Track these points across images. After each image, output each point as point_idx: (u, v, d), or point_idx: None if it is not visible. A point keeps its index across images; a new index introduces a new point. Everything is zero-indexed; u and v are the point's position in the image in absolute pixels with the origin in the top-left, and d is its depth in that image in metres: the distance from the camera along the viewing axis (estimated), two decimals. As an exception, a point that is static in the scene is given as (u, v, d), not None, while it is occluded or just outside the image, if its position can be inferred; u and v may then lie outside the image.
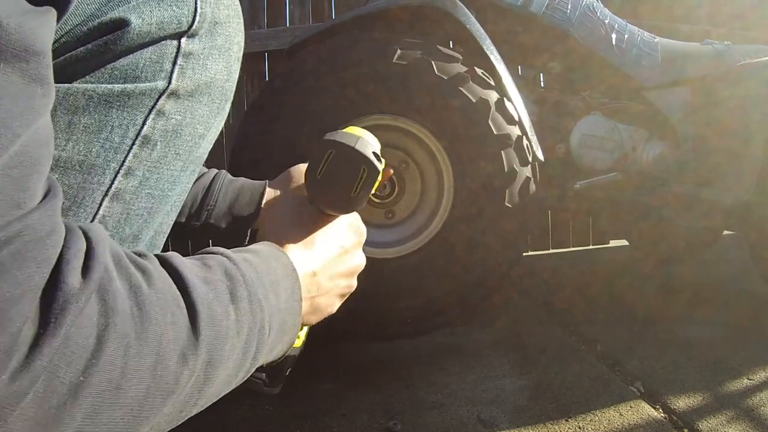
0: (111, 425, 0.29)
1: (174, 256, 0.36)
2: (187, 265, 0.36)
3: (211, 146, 0.49)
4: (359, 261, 0.55)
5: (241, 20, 0.48)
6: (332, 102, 1.39)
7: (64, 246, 0.28)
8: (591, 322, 1.61)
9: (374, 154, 0.50)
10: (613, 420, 1.07)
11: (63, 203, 0.36)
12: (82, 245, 0.29)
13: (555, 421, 1.08)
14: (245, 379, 0.41)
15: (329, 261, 0.51)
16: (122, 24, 0.38)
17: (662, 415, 1.10)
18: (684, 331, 1.50)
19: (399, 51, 1.38)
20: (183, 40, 0.41)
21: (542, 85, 1.97)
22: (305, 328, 0.55)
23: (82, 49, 0.37)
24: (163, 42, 0.40)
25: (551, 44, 1.72)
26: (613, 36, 1.68)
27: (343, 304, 0.54)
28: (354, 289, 0.55)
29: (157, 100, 0.40)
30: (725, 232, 2.18)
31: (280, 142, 1.40)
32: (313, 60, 1.41)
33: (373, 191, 0.52)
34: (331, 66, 1.39)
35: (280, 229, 0.52)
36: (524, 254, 2.40)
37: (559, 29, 1.66)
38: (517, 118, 1.43)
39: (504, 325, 1.62)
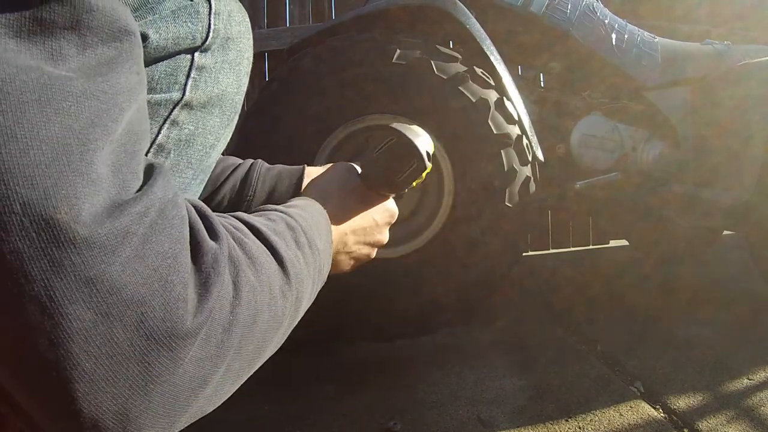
0: (247, 357, 0.35)
1: (243, 214, 0.41)
2: (258, 220, 0.41)
3: (218, 156, 0.51)
4: (384, 238, 0.62)
5: (251, 36, 0.51)
6: (332, 102, 1.39)
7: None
8: (591, 322, 1.61)
9: (427, 153, 0.57)
10: (613, 420, 1.07)
11: None
12: (192, 208, 0.33)
13: (555, 421, 1.08)
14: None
15: (361, 228, 0.58)
16: (141, 39, 0.40)
17: (662, 415, 1.10)
18: (684, 331, 1.50)
19: (399, 51, 1.38)
20: (196, 54, 0.43)
21: (542, 85, 1.97)
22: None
23: None
24: (177, 56, 0.42)
25: (551, 44, 1.72)
26: (613, 36, 1.68)
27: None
28: (370, 259, 0.62)
29: (172, 110, 0.42)
30: (725, 232, 2.18)
31: (281, 143, 1.40)
32: (313, 60, 1.41)
33: (413, 185, 0.60)
34: (331, 66, 1.39)
35: (327, 189, 0.58)
36: (524, 254, 2.40)
37: (559, 29, 1.66)
38: (516, 118, 1.43)
39: (504, 325, 1.62)
